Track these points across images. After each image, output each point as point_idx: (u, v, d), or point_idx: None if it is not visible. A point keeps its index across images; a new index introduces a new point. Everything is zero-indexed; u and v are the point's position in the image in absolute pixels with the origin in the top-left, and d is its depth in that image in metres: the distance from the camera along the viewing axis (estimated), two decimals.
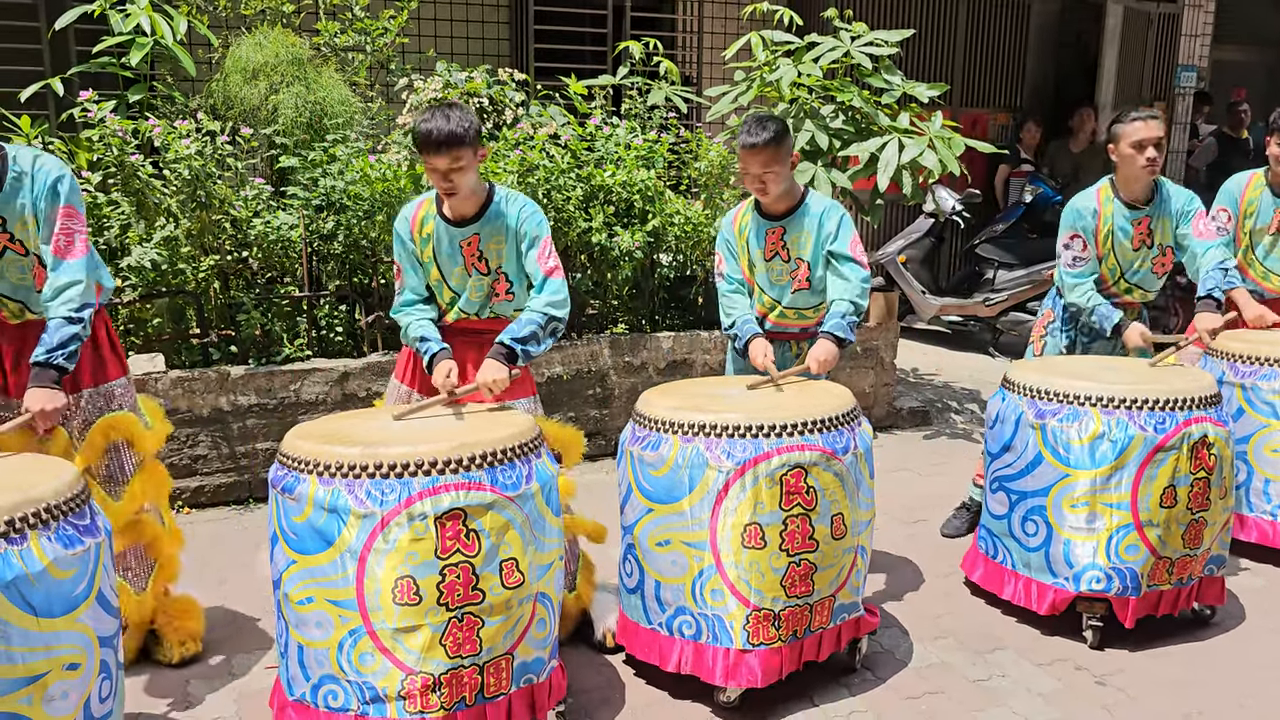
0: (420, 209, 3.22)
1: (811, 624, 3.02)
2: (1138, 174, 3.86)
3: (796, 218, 3.50)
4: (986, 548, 3.71)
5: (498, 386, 2.98)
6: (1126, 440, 3.27)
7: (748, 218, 3.58)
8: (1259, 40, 11.32)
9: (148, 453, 3.25)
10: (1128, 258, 4.00)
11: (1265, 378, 4.04)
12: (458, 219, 3.17)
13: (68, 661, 2.29)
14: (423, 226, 3.20)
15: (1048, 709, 3.05)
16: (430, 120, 2.97)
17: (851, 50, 5.46)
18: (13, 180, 2.87)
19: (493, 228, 3.17)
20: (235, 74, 5.33)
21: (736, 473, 2.85)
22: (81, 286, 2.89)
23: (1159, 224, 3.97)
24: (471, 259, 3.18)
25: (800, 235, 3.50)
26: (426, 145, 2.98)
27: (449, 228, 3.17)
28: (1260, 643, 3.49)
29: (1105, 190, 4.00)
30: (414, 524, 2.49)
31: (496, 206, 3.17)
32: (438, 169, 3.00)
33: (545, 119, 5.62)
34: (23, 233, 2.91)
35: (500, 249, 3.18)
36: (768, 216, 3.53)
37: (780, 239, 3.51)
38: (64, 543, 2.30)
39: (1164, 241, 4.00)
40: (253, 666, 3.27)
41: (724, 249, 3.67)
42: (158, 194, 4.70)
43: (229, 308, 4.83)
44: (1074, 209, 4.02)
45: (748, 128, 3.36)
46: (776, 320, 3.63)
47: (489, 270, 3.20)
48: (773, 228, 3.52)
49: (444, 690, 2.56)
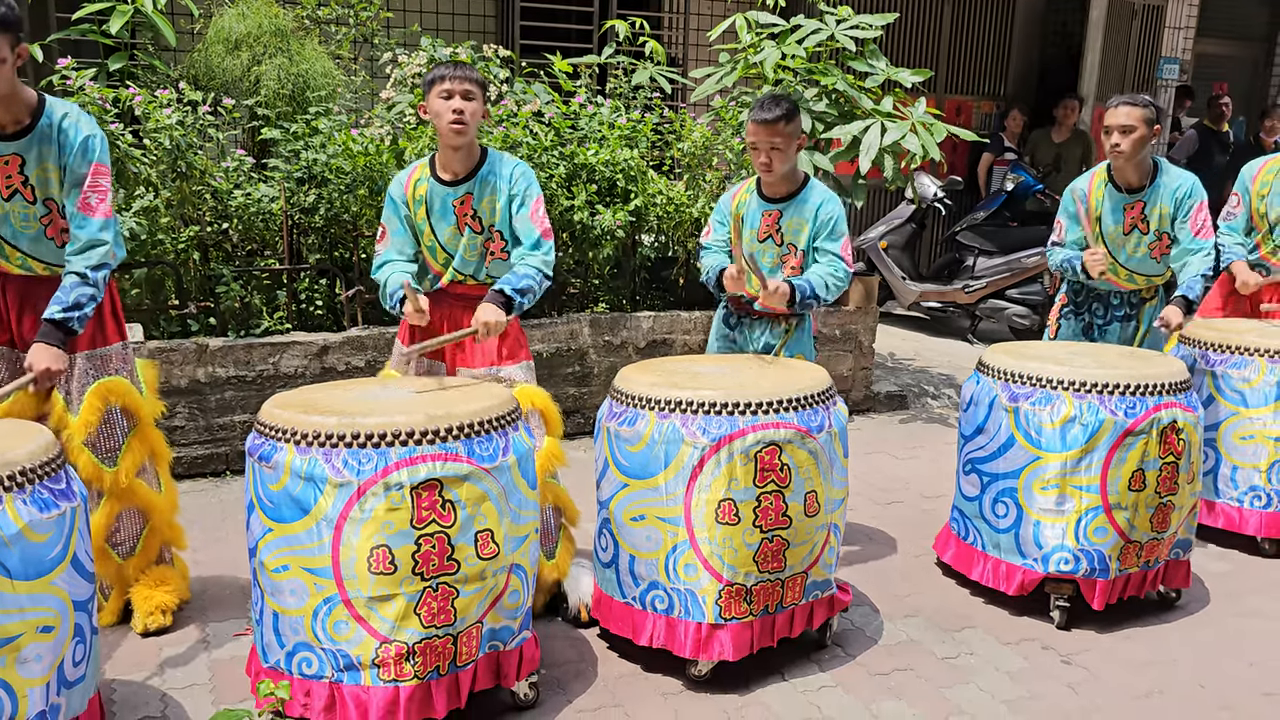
0: (415, 172, 3.30)
1: (784, 600, 3.06)
2: (1112, 160, 3.94)
3: (795, 203, 3.53)
4: (958, 529, 3.76)
5: (495, 330, 3.06)
6: (1097, 424, 3.31)
7: (748, 196, 3.61)
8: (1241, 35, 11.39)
9: (144, 420, 3.24)
10: (1118, 242, 4.05)
11: (1235, 365, 4.10)
12: (451, 178, 3.23)
13: (41, 624, 2.30)
14: (416, 188, 3.27)
15: (1014, 686, 3.11)
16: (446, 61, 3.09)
17: (836, 33, 5.47)
18: (44, 127, 2.92)
19: (485, 186, 3.23)
20: (217, 44, 5.30)
21: (712, 449, 2.88)
22: (105, 248, 2.95)
23: (1154, 210, 4.01)
24: (464, 218, 3.24)
25: (795, 221, 3.53)
26: (443, 69, 3.13)
27: (441, 187, 3.24)
28: (1223, 626, 3.55)
29: (1100, 174, 4.07)
30: (390, 494, 2.50)
31: (490, 166, 3.25)
32: (454, 92, 3.10)
33: (529, 96, 5.61)
34: (40, 179, 2.94)
35: (495, 206, 3.24)
36: (767, 198, 3.56)
37: (776, 223, 3.55)
38: (39, 506, 2.30)
39: (1161, 227, 4.03)
40: (228, 634, 3.28)
41: (716, 220, 3.71)
42: (137, 163, 4.67)
43: (208, 279, 4.81)
44: (1067, 191, 4.14)
45: (761, 104, 3.41)
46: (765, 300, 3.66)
47: (482, 228, 3.26)
48: (770, 210, 3.55)
49: (418, 659, 2.58)
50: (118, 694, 2.93)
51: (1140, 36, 9.87)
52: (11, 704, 2.25)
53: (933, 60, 9.09)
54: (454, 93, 3.12)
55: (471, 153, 3.24)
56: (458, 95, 3.12)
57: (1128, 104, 3.94)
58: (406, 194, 3.27)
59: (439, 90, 3.13)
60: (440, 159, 3.27)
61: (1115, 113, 3.94)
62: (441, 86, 3.12)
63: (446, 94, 3.12)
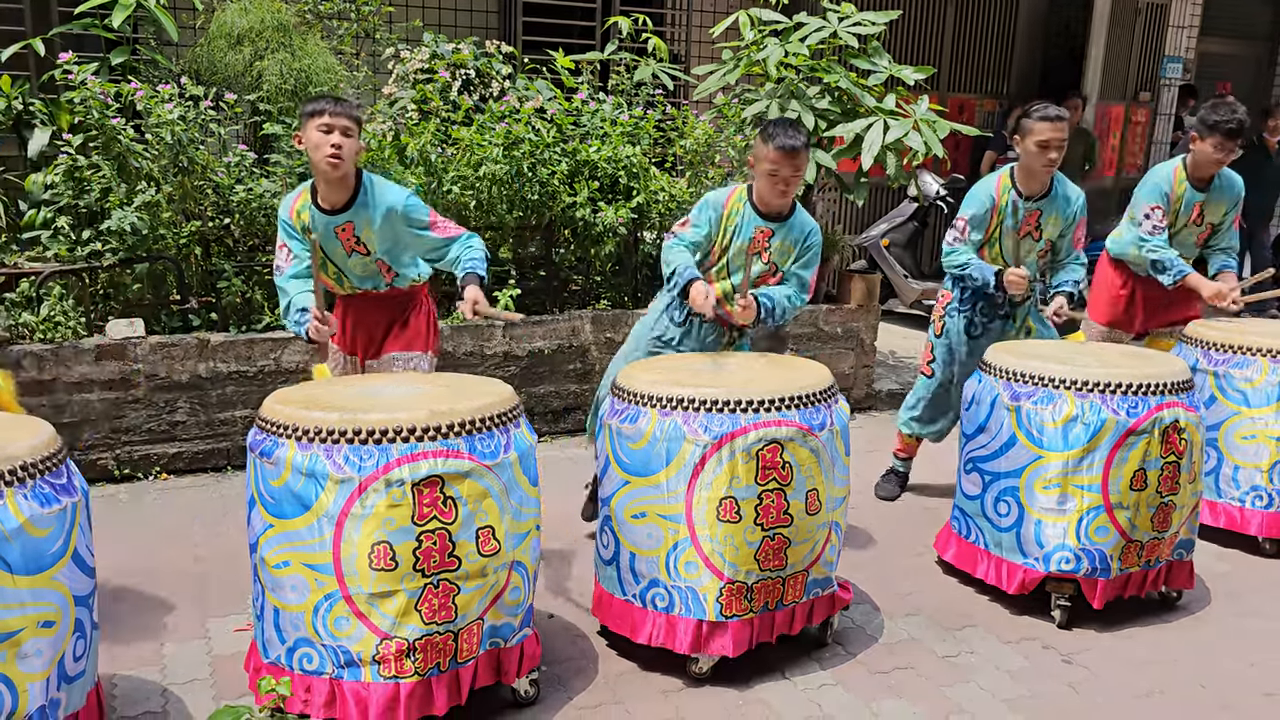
0: (297, 200, 3.34)
1: (784, 597, 3.05)
2: (1038, 171, 3.98)
3: (788, 225, 3.55)
4: (959, 527, 3.75)
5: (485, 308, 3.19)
6: (1099, 423, 3.31)
7: (741, 206, 3.57)
8: (1245, 34, 11.37)
9: None
10: (1010, 247, 4.10)
11: (1237, 365, 4.10)
12: (330, 208, 3.27)
13: (42, 619, 2.30)
14: (300, 215, 3.31)
15: (1014, 685, 3.10)
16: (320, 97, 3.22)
17: (839, 30, 5.46)
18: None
19: (362, 215, 3.27)
20: (219, 39, 5.29)
21: (713, 447, 2.87)
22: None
23: (1049, 219, 4.09)
24: (349, 243, 3.30)
25: (785, 244, 3.55)
26: (322, 103, 3.15)
27: (323, 216, 3.27)
28: (1223, 626, 3.55)
29: (1005, 179, 4.09)
30: (391, 490, 2.50)
31: (366, 195, 3.28)
32: (333, 126, 3.12)
33: (532, 93, 5.61)
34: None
35: (373, 237, 3.30)
36: (763, 215, 3.55)
37: (767, 240, 3.55)
38: (40, 501, 2.30)
39: (1050, 236, 4.13)
40: (228, 630, 3.28)
41: (701, 218, 3.57)
42: (139, 158, 4.67)
43: (210, 274, 4.81)
44: (974, 194, 4.13)
45: (785, 131, 3.38)
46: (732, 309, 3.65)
47: (369, 252, 3.34)
48: (764, 227, 3.54)
49: (418, 655, 2.58)
50: (118, 689, 2.93)
51: (1144, 35, 9.86)
52: (12, 699, 2.26)
53: (936, 58, 9.07)
54: (333, 127, 3.12)
55: (347, 183, 3.24)
56: (337, 130, 3.12)
57: (1060, 118, 3.94)
58: (292, 219, 3.32)
59: (318, 123, 3.13)
60: (320, 189, 3.28)
61: (1054, 127, 3.91)
62: (320, 120, 3.12)
63: (326, 128, 3.12)
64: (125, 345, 4.47)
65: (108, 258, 4.59)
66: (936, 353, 4.37)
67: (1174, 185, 4.45)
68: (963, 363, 4.27)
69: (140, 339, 4.51)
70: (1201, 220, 4.50)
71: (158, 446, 4.61)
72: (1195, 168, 4.43)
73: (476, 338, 5.11)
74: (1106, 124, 9.79)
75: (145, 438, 4.58)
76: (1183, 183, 4.45)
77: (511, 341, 5.20)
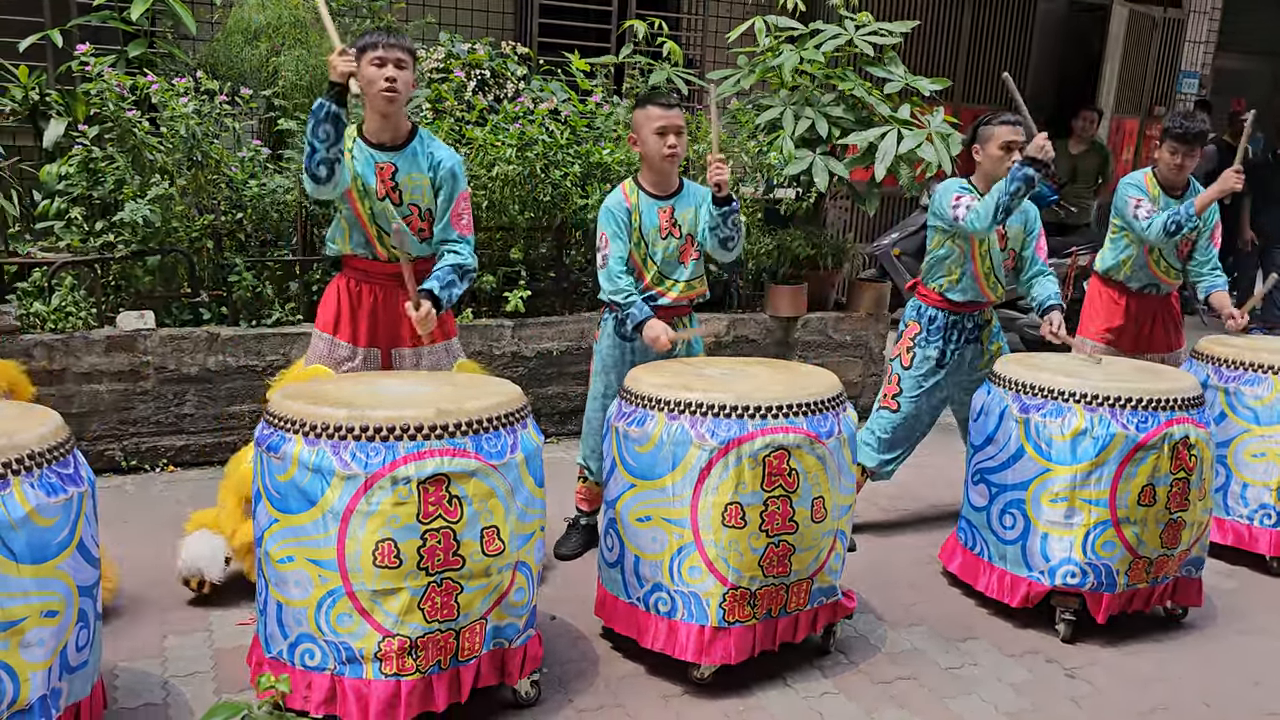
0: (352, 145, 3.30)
1: (787, 605, 3.04)
2: (1002, 175, 3.89)
3: (680, 198, 3.64)
4: (965, 539, 3.74)
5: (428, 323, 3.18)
6: (1108, 437, 3.29)
7: (636, 199, 3.61)
8: (1261, 50, 11.34)
9: None
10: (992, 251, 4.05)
11: (1248, 383, 4.08)
12: (377, 143, 3.25)
13: (46, 609, 2.30)
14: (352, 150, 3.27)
15: (1017, 699, 3.09)
16: None
17: (855, 39, 5.46)
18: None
19: (411, 162, 3.26)
20: (237, 34, 5.31)
21: (720, 452, 2.87)
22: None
23: (1013, 228, 4.08)
24: (385, 185, 3.25)
25: (686, 212, 3.64)
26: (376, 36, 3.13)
27: (368, 148, 3.25)
28: (1229, 644, 3.53)
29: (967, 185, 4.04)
30: (397, 488, 2.50)
31: (420, 143, 3.27)
32: (387, 59, 3.10)
33: (546, 94, 5.61)
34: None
35: (409, 184, 3.27)
36: (656, 196, 3.62)
37: (671, 217, 3.62)
38: (47, 490, 2.30)
39: (1014, 245, 4.11)
40: (231, 623, 3.28)
41: (613, 229, 3.56)
42: (153, 151, 4.68)
43: (221, 268, 4.82)
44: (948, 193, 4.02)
45: (655, 89, 3.46)
46: (676, 296, 3.66)
47: (400, 202, 3.28)
48: (663, 207, 3.62)
49: (420, 653, 2.58)
50: (120, 680, 2.94)
51: (1160, 50, 9.84)
52: (14, 687, 2.26)
53: (951, 69, 9.05)
54: (387, 60, 3.11)
55: (397, 123, 3.23)
56: (390, 63, 3.12)
57: (1018, 123, 3.90)
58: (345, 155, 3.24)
59: (371, 57, 3.11)
60: (368, 126, 3.26)
61: (1014, 130, 3.88)
62: (374, 54, 3.12)
63: (379, 61, 3.11)
64: (135, 337, 4.48)
65: (120, 249, 4.61)
66: (904, 385, 4.17)
67: (1147, 189, 4.47)
68: (929, 393, 4.16)
69: (150, 331, 4.52)
70: None
71: (165, 439, 4.62)
72: (1162, 177, 4.47)
73: (485, 338, 5.12)
74: (1121, 138, 9.77)
75: (153, 430, 4.60)
76: (1155, 188, 4.47)
77: (520, 342, 5.20)
